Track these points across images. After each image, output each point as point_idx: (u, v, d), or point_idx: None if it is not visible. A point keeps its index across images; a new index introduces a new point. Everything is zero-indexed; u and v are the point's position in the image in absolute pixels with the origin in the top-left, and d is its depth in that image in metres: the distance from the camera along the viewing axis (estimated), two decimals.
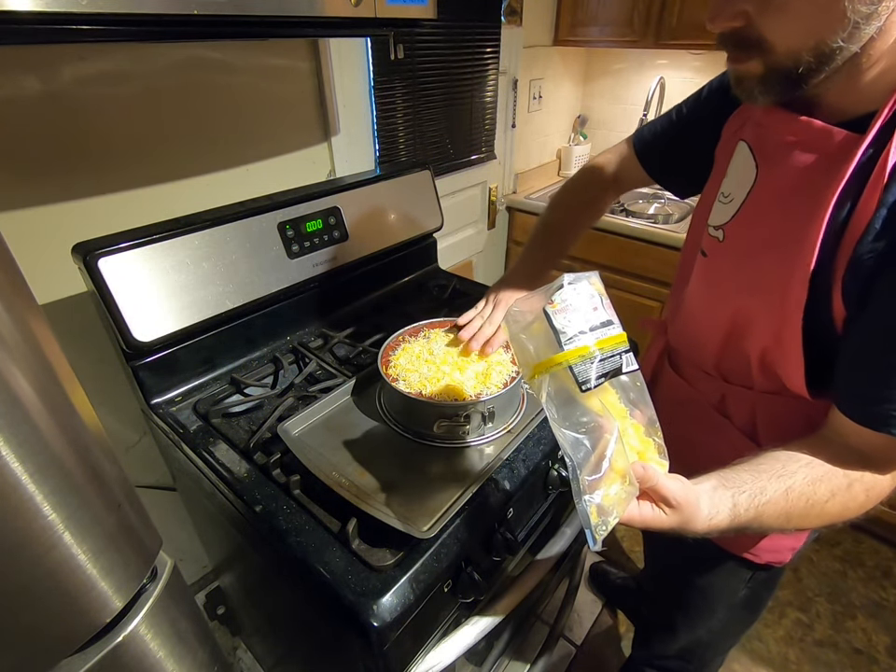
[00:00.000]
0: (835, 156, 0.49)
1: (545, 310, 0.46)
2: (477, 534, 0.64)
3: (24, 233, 0.81)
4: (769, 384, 0.63)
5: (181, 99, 0.93)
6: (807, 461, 0.52)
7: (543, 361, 0.46)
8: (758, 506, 0.49)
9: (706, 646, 0.94)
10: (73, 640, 0.36)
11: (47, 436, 0.31)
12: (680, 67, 1.92)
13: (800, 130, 0.53)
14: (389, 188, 1.10)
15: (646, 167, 0.84)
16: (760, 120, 0.61)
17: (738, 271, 0.61)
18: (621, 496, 0.44)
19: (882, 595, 1.50)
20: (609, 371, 0.45)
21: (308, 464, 0.64)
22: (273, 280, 0.91)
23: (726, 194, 0.65)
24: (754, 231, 0.59)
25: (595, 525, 0.44)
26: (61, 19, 0.49)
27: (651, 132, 0.83)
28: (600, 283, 0.49)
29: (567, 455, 0.45)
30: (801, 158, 0.54)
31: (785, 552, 0.74)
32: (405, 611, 0.54)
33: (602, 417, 0.45)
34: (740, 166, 0.63)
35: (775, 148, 0.58)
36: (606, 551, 1.62)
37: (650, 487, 0.46)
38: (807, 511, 0.51)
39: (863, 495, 0.52)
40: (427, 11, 0.82)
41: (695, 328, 0.73)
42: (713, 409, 0.72)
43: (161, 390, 0.82)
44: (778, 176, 0.57)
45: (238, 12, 0.60)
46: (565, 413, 0.46)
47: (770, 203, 0.58)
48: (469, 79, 1.58)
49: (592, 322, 0.46)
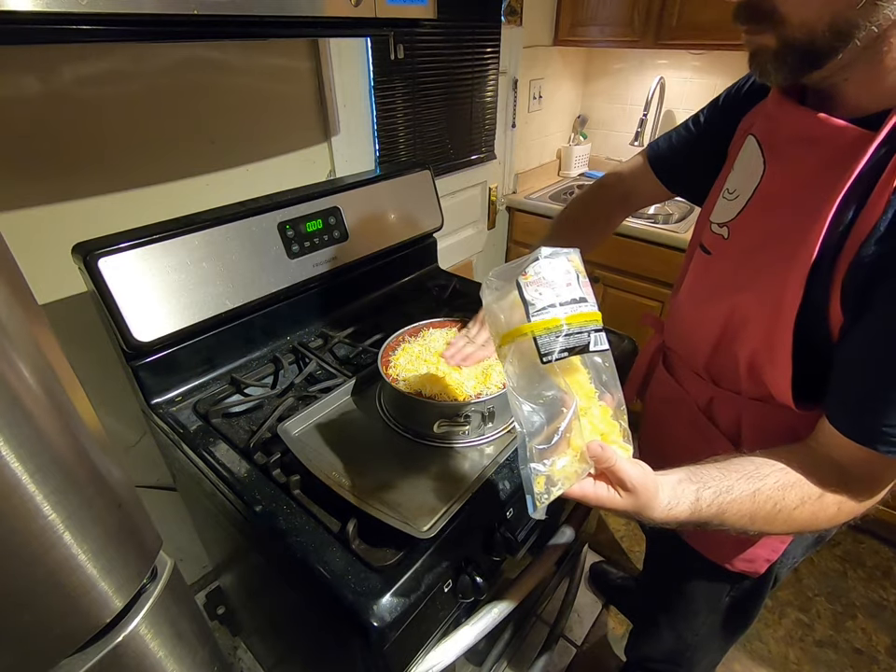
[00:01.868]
0: (846, 153, 0.48)
1: (517, 281, 0.46)
2: (477, 534, 0.64)
3: (25, 233, 0.81)
4: (756, 389, 0.62)
5: (181, 99, 0.93)
6: (781, 466, 0.51)
7: (510, 331, 0.47)
8: (721, 503, 0.48)
9: (693, 650, 0.93)
10: (73, 640, 0.36)
11: (47, 436, 0.31)
12: (680, 67, 1.91)
13: (811, 125, 0.52)
14: (389, 188, 1.10)
15: (661, 177, 0.82)
16: (770, 113, 0.59)
17: (742, 267, 0.60)
18: (569, 469, 0.45)
19: (882, 594, 1.50)
20: (574, 347, 0.45)
21: (308, 464, 0.64)
22: (273, 280, 0.91)
23: (731, 190, 0.63)
24: (760, 228, 0.58)
25: (539, 494, 0.44)
26: (61, 19, 0.49)
27: (666, 141, 0.81)
28: (580, 261, 0.49)
29: (518, 423, 0.45)
30: (810, 153, 0.53)
31: (759, 561, 0.72)
32: (405, 611, 0.54)
33: (566, 393, 0.45)
34: (747, 161, 0.61)
35: (784, 143, 0.56)
36: (605, 551, 1.62)
37: (607, 468, 0.46)
38: (773, 516, 0.50)
39: (835, 507, 0.51)
40: (427, 11, 0.82)
41: (690, 327, 0.72)
42: (700, 411, 0.72)
43: (161, 390, 0.82)
44: (787, 172, 0.56)
45: (238, 12, 0.60)
46: (526, 385, 0.46)
47: (778, 199, 0.56)
48: (469, 79, 1.58)
49: (563, 297, 0.46)
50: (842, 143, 0.49)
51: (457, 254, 1.85)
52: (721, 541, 0.73)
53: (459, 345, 0.78)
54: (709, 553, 0.75)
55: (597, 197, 0.89)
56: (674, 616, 0.91)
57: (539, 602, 1.10)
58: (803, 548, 0.76)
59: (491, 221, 1.95)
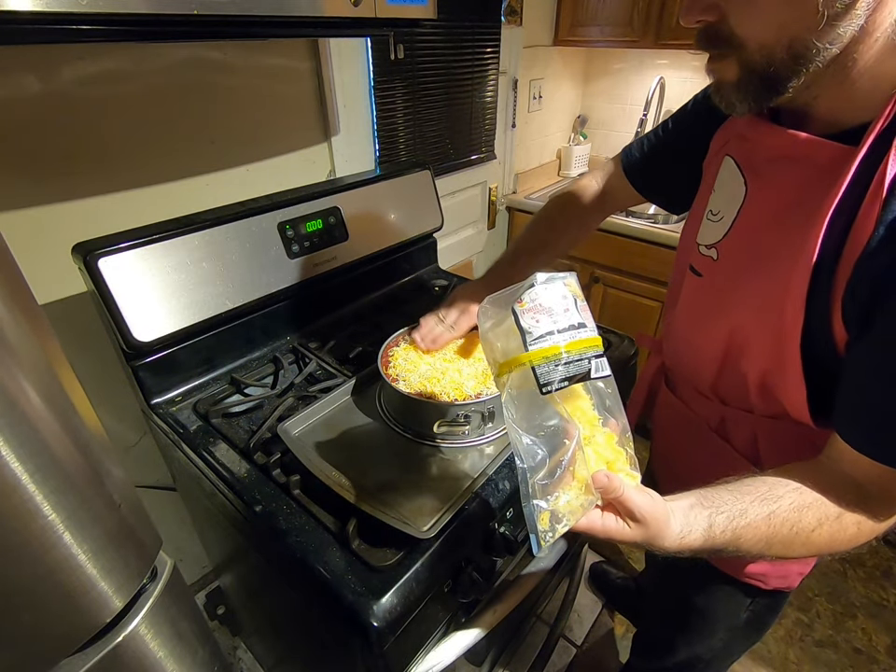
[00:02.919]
0: (828, 170, 0.47)
1: (513, 308, 0.44)
2: (477, 534, 0.64)
3: (25, 233, 0.81)
4: (770, 408, 0.60)
5: (181, 99, 0.93)
6: (796, 486, 0.49)
7: (508, 360, 0.45)
8: (735, 528, 0.47)
9: (705, 663, 0.92)
10: (73, 640, 0.36)
11: (47, 436, 0.31)
12: (680, 67, 1.92)
13: (786, 143, 0.51)
14: (389, 188, 1.10)
15: (635, 184, 0.81)
16: (745, 134, 0.58)
17: (735, 289, 0.59)
18: (574, 503, 0.43)
19: (882, 594, 1.50)
20: (575, 375, 0.43)
21: (308, 464, 0.64)
22: (273, 280, 0.90)
23: (715, 212, 0.62)
24: (749, 249, 0.57)
25: (542, 532, 0.42)
26: (61, 19, 0.49)
27: (639, 146, 0.81)
28: (576, 284, 0.47)
29: (518, 457, 0.43)
30: (791, 172, 0.52)
31: (794, 576, 0.71)
32: (405, 611, 0.54)
33: (568, 423, 0.43)
34: (727, 182, 0.61)
35: (763, 163, 0.55)
36: (605, 551, 1.62)
37: (614, 498, 0.44)
38: (791, 539, 0.48)
39: (854, 527, 0.49)
40: (427, 11, 0.82)
41: (689, 349, 0.70)
42: (712, 431, 0.69)
43: (160, 390, 0.82)
44: (769, 192, 0.55)
45: (238, 12, 0.60)
46: (526, 415, 0.44)
47: (763, 219, 0.55)
48: (469, 79, 1.58)
49: (561, 323, 0.44)
50: (822, 160, 0.48)
51: (457, 254, 1.85)
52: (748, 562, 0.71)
53: (430, 325, 0.76)
54: (737, 574, 0.73)
55: (573, 200, 0.88)
56: (690, 634, 0.89)
57: (539, 602, 1.10)
58: None
59: (491, 221, 1.96)
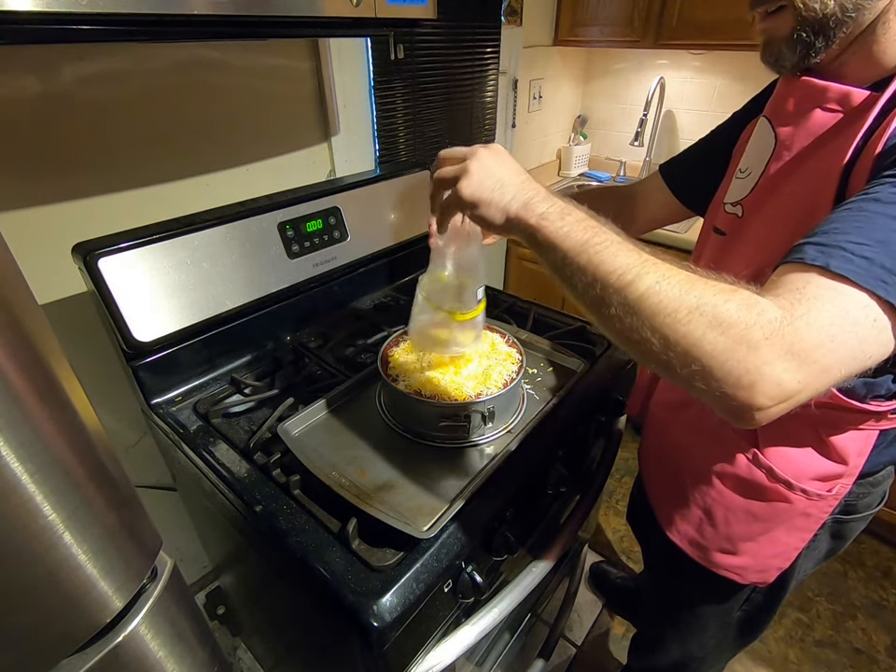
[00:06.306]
0: (854, 116, 0.50)
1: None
2: (477, 534, 0.64)
3: (24, 233, 0.81)
4: None
5: (181, 99, 0.93)
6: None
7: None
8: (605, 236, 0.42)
9: (699, 661, 0.93)
10: (73, 640, 0.36)
11: (47, 436, 0.31)
12: (680, 67, 1.91)
13: (818, 91, 0.54)
14: (389, 188, 1.10)
15: (666, 178, 0.84)
16: (779, 92, 0.61)
17: (758, 245, 0.60)
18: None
19: (882, 594, 1.50)
20: None
21: (308, 464, 0.64)
22: (273, 280, 0.90)
23: (743, 169, 0.64)
24: (773, 200, 0.59)
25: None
26: (61, 19, 0.49)
27: (679, 155, 0.85)
28: None
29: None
30: (819, 120, 0.54)
31: (771, 570, 0.71)
32: (405, 611, 0.54)
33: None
34: (759, 140, 0.63)
35: (793, 115, 0.58)
36: (605, 551, 1.62)
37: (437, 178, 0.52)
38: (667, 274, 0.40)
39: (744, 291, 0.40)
40: (427, 11, 0.82)
41: None
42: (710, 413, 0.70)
43: (160, 390, 0.82)
44: (796, 141, 0.57)
45: (238, 12, 0.60)
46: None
47: (788, 168, 0.57)
48: (469, 79, 1.58)
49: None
50: (850, 106, 0.51)
51: None
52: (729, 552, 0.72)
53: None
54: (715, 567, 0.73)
55: (606, 190, 0.95)
56: (682, 631, 0.90)
57: (539, 602, 1.10)
58: (814, 562, 0.76)
59: None
